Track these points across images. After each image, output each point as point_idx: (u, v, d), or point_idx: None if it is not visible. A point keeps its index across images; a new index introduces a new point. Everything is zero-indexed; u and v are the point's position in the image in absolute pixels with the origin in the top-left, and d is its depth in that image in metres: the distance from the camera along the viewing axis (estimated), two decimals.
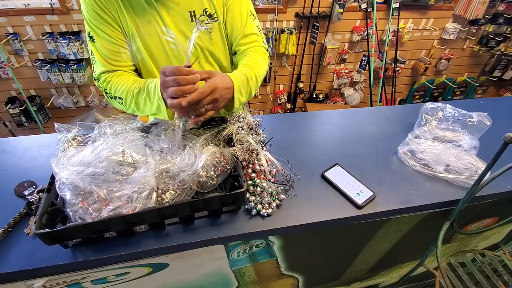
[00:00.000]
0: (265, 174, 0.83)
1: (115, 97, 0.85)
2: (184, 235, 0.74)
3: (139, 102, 0.81)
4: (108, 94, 0.87)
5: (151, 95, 0.77)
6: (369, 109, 1.28)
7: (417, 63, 3.06)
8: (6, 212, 0.76)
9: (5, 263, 0.67)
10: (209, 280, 0.98)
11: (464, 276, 1.09)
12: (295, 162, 0.93)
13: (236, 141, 0.86)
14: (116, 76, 0.87)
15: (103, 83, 0.87)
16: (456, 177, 0.91)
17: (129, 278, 0.83)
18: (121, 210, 0.65)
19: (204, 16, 0.90)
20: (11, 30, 2.10)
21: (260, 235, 0.78)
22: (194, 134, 0.85)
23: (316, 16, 2.46)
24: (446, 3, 2.72)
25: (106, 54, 0.86)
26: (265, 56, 0.97)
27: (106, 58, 0.86)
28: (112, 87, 0.85)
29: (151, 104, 0.78)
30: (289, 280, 1.14)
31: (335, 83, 2.98)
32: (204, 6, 0.89)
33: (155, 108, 0.78)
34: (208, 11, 0.90)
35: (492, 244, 1.38)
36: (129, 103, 0.83)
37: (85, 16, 0.83)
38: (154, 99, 0.76)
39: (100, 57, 0.86)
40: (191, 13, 0.88)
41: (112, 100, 0.87)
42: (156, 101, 0.76)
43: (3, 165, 0.91)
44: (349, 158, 0.98)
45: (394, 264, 1.31)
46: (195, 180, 0.74)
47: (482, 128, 1.00)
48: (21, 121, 2.38)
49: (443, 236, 0.95)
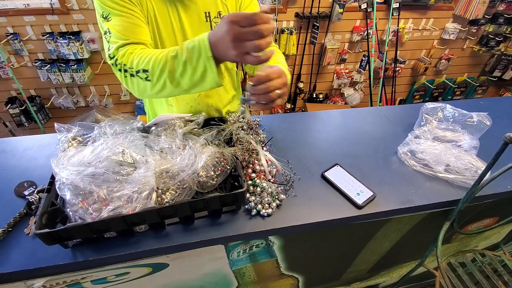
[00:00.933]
0: (265, 174, 0.83)
1: (138, 72, 0.70)
2: (184, 235, 0.74)
3: (175, 69, 0.66)
4: (128, 71, 0.71)
5: (194, 56, 0.62)
6: (369, 109, 1.28)
7: (417, 63, 3.06)
8: (6, 212, 0.76)
9: (5, 263, 0.67)
10: (209, 280, 0.98)
11: (464, 276, 1.09)
12: (295, 162, 0.93)
13: (236, 141, 0.86)
14: (139, 48, 0.74)
15: (122, 57, 0.72)
16: (456, 177, 0.91)
17: (129, 278, 0.83)
18: (121, 210, 0.65)
19: (217, 18, 0.91)
20: (11, 30, 2.10)
21: (260, 235, 0.78)
22: (194, 134, 0.85)
23: (316, 16, 2.46)
24: (446, 3, 2.72)
25: (125, 27, 0.75)
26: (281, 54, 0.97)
27: (124, 32, 0.75)
28: (135, 59, 0.70)
29: (193, 70, 0.64)
30: (289, 280, 1.14)
31: (335, 83, 2.98)
32: (218, 9, 0.91)
33: (199, 74, 0.64)
34: (222, 14, 0.92)
35: (492, 244, 1.38)
36: (158, 74, 0.67)
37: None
38: (200, 61, 0.62)
39: (117, 31, 0.74)
40: (206, 13, 0.89)
41: (132, 79, 0.72)
42: (203, 63, 0.62)
43: (3, 165, 0.91)
44: (349, 158, 0.98)
45: (394, 264, 1.31)
46: (195, 180, 0.74)
47: (482, 128, 1.00)
48: (21, 121, 2.38)
49: (443, 236, 0.95)
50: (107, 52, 0.76)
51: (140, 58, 0.70)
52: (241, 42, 0.57)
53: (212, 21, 0.90)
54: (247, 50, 0.58)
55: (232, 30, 0.56)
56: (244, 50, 0.58)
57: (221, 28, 0.58)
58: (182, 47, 0.64)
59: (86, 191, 0.65)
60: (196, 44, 0.62)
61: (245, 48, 0.58)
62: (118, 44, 0.73)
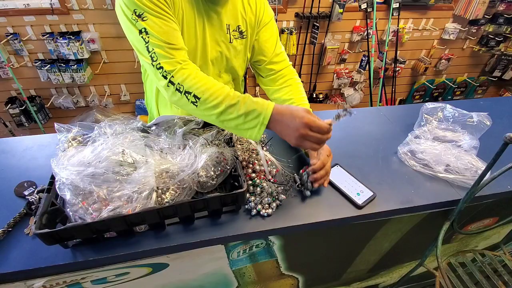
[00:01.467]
0: (265, 174, 0.83)
1: (188, 93, 0.70)
2: (184, 235, 0.74)
3: (228, 113, 0.70)
4: (176, 85, 0.71)
5: (253, 117, 0.69)
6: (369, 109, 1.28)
7: (417, 63, 3.05)
8: (6, 212, 0.76)
9: (5, 263, 0.67)
10: (209, 280, 0.98)
11: (464, 276, 1.09)
12: (295, 162, 0.93)
13: (236, 141, 0.86)
14: (194, 69, 0.74)
15: (173, 68, 0.71)
16: (456, 177, 0.91)
17: (129, 278, 0.83)
18: (121, 210, 0.65)
19: (236, 32, 0.94)
20: (11, 30, 2.10)
21: (260, 235, 0.78)
22: (194, 134, 0.85)
23: (316, 16, 2.46)
24: (446, 3, 2.71)
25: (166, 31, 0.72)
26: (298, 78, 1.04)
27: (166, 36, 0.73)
28: (188, 80, 0.71)
29: (244, 123, 0.69)
30: (289, 280, 1.14)
31: (335, 83, 2.98)
32: (238, 23, 0.93)
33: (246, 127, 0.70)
34: (241, 28, 0.94)
35: (492, 244, 1.38)
36: (209, 106, 0.70)
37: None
38: (255, 122, 0.69)
39: (157, 33, 0.71)
40: (227, 25, 0.91)
41: (175, 92, 0.72)
42: (258, 125, 0.69)
43: (3, 165, 0.91)
44: (349, 158, 0.98)
45: (394, 264, 1.31)
46: (195, 180, 0.74)
47: (482, 128, 1.00)
48: (21, 121, 2.38)
49: (443, 236, 0.95)
50: (146, 53, 0.72)
51: (195, 83, 0.71)
52: (304, 140, 0.68)
53: (231, 33, 0.93)
54: (304, 146, 0.70)
55: (303, 131, 0.67)
56: (302, 145, 0.70)
57: (292, 118, 0.68)
58: (245, 101, 0.70)
59: (86, 191, 0.65)
60: (259, 108, 0.69)
61: (304, 145, 0.69)
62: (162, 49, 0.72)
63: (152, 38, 0.72)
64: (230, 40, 0.94)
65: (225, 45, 0.94)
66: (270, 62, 1.01)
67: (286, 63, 1.03)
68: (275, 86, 1.02)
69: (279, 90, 1.00)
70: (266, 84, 1.05)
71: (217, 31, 0.91)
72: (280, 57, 1.02)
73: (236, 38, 0.95)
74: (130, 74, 2.47)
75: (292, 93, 0.98)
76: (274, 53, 1.00)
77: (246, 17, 0.94)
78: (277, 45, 1.01)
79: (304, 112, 0.68)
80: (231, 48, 0.95)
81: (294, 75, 1.03)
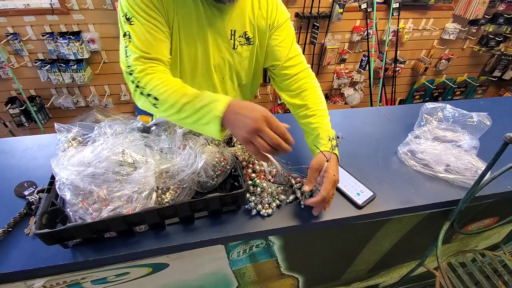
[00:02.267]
0: (265, 174, 0.83)
1: (149, 95, 0.71)
2: (184, 235, 0.74)
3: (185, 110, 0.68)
4: (139, 88, 0.72)
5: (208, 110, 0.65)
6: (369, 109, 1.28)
7: (417, 63, 3.06)
8: (6, 212, 0.76)
9: (5, 263, 0.67)
10: (209, 280, 0.98)
11: (464, 276, 1.09)
12: (295, 162, 0.93)
13: (236, 141, 0.86)
14: (159, 72, 0.74)
15: (139, 73, 0.72)
16: (456, 177, 0.91)
17: (129, 278, 0.83)
18: (121, 210, 0.65)
19: (242, 38, 0.91)
20: (11, 30, 2.10)
21: (260, 235, 0.78)
22: (194, 134, 0.85)
23: (316, 16, 2.46)
24: (446, 3, 2.72)
25: (147, 39, 0.74)
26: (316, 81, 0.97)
27: (146, 44, 0.74)
28: (150, 83, 0.71)
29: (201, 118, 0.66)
30: (289, 280, 1.14)
31: (335, 83, 2.98)
32: (245, 29, 0.90)
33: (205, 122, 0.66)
34: (248, 34, 0.91)
35: (492, 244, 1.38)
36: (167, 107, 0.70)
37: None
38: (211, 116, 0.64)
39: (138, 40, 0.74)
40: (231, 31, 0.89)
41: (141, 96, 0.73)
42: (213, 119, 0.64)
43: (3, 165, 0.91)
44: (349, 158, 0.98)
45: (394, 264, 1.31)
46: (195, 180, 0.74)
47: (482, 128, 1.00)
48: (21, 121, 2.38)
49: (443, 236, 0.95)
50: (124, 56, 0.75)
51: (156, 85, 0.71)
52: (255, 136, 0.60)
53: (236, 39, 0.90)
54: (255, 143, 0.61)
55: (259, 124, 0.60)
56: (252, 141, 0.61)
57: (251, 111, 0.61)
58: (202, 96, 0.67)
59: (86, 191, 0.65)
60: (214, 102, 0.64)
61: (254, 141, 0.61)
62: (137, 55, 0.73)
63: (132, 43, 0.74)
64: (234, 46, 0.91)
65: (228, 52, 0.92)
66: (284, 67, 0.96)
67: (303, 66, 0.96)
68: (290, 92, 0.95)
69: (295, 95, 0.94)
70: (282, 89, 0.99)
71: (220, 37, 0.89)
72: (295, 60, 0.96)
73: (241, 45, 0.92)
74: None
75: (308, 98, 0.92)
76: (288, 57, 0.95)
77: (255, 22, 0.91)
78: (291, 48, 0.96)
79: (267, 110, 0.62)
80: (235, 55, 0.93)
81: (311, 78, 0.96)
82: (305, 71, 0.96)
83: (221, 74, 0.96)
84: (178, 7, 0.80)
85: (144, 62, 0.74)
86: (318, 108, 0.90)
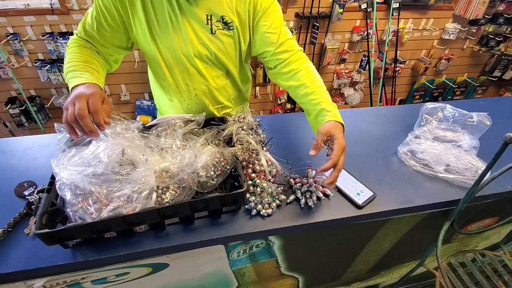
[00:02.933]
0: (265, 174, 0.83)
1: (65, 60, 0.85)
2: (184, 235, 0.74)
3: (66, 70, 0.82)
4: (66, 53, 0.87)
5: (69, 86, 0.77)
6: (369, 109, 1.28)
7: (417, 63, 3.05)
8: (6, 212, 0.76)
9: (5, 263, 0.67)
10: (209, 280, 0.98)
11: (464, 276, 1.09)
12: (295, 162, 0.93)
13: (236, 141, 0.86)
14: (82, 46, 0.87)
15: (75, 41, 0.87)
16: (456, 177, 0.91)
17: (129, 278, 0.83)
18: (121, 210, 0.65)
19: (219, 23, 0.89)
20: (11, 30, 2.09)
21: (260, 235, 0.78)
22: (194, 134, 0.85)
23: (316, 16, 2.46)
24: (446, 3, 2.71)
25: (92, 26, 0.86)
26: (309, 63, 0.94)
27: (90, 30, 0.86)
28: (70, 48, 0.86)
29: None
30: (289, 280, 1.14)
31: (335, 83, 2.98)
32: (222, 13, 0.88)
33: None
34: (225, 19, 0.89)
35: (492, 244, 1.38)
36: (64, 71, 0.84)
37: None
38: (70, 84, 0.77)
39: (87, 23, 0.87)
40: (207, 16, 0.87)
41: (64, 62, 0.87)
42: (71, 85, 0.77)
43: (3, 165, 0.91)
44: (349, 158, 0.97)
45: (394, 264, 1.31)
46: (195, 180, 0.74)
47: (482, 128, 1.00)
48: (21, 121, 2.38)
49: (443, 236, 0.95)
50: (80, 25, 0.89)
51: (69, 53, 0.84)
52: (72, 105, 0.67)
53: (214, 24, 0.88)
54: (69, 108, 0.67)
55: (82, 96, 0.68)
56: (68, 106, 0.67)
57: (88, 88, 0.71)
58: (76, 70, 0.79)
59: (86, 191, 0.65)
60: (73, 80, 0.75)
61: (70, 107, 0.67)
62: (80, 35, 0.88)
63: (86, 20, 0.87)
64: (212, 31, 0.89)
65: (206, 37, 0.90)
66: (276, 53, 0.93)
67: (294, 50, 0.93)
68: (284, 75, 0.93)
69: (289, 77, 0.91)
70: (276, 76, 0.97)
71: (196, 22, 0.88)
72: (287, 45, 0.92)
73: (220, 29, 0.90)
74: (130, 74, 2.47)
75: (304, 78, 0.89)
76: (279, 42, 0.92)
77: (233, 6, 0.88)
78: (281, 32, 0.92)
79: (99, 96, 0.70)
80: (215, 39, 0.91)
81: (303, 60, 0.93)
82: (297, 53, 0.94)
83: (204, 60, 0.95)
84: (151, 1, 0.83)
85: (80, 38, 0.88)
86: (317, 85, 0.88)
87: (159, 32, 0.88)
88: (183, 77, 0.98)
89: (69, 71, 0.79)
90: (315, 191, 0.83)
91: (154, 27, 0.87)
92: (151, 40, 0.89)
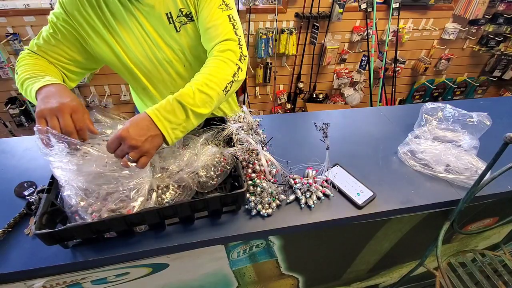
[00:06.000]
0: (265, 174, 0.83)
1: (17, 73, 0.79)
2: (184, 235, 0.74)
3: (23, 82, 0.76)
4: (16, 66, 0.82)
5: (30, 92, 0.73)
6: (369, 109, 1.28)
7: (417, 63, 3.06)
8: (6, 212, 0.76)
9: (5, 263, 0.67)
10: (209, 280, 0.98)
11: (464, 276, 1.09)
12: (295, 162, 0.93)
13: (236, 141, 0.86)
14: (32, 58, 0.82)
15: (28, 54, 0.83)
16: (456, 177, 0.91)
17: (129, 278, 0.83)
18: (121, 210, 0.65)
19: (181, 17, 0.85)
20: (11, 30, 2.10)
21: (260, 235, 0.78)
22: (194, 134, 0.85)
23: (316, 16, 2.46)
24: (446, 3, 2.72)
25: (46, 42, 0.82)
26: (228, 56, 0.78)
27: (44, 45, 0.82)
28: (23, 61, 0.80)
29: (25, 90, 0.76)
30: (289, 280, 1.14)
31: (335, 83, 2.98)
32: (179, 6, 0.84)
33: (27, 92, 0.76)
34: (184, 11, 0.85)
35: (492, 244, 1.38)
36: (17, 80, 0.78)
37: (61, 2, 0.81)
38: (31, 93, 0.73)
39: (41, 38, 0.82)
40: (167, 15, 0.84)
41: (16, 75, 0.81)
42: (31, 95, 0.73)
43: (3, 165, 0.91)
44: (349, 158, 0.98)
45: (394, 264, 1.31)
46: (195, 180, 0.74)
47: (482, 128, 1.00)
48: (21, 122, 2.38)
49: (443, 236, 0.95)
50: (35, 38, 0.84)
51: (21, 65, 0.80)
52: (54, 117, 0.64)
53: (175, 21, 0.85)
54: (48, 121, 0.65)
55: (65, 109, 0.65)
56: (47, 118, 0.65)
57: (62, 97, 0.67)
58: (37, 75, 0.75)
59: (86, 191, 0.65)
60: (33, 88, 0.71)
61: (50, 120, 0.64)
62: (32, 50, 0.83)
63: (37, 38, 0.84)
64: (177, 29, 0.86)
65: (171, 38, 0.87)
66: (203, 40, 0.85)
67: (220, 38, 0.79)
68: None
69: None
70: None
71: (157, 24, 0.85)
72: (212, 31, 0.80)
73: (184, 24, 0.85)
74: None
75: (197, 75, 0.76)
76: (205, 28, 0.81)
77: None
78: (210, 16, 0.80)
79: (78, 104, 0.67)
80: (182, 37, 0.87)
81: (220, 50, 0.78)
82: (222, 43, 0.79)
83: (181, 63, 0.92)
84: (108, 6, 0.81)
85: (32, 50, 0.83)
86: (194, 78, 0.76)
87: (129, 43, 0.86)
88: (165, 86, 0.96)
89: (26, 78, 0.75)
90: (315, 191, 0.83)
91: (121, 39, 0.85)
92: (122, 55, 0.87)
